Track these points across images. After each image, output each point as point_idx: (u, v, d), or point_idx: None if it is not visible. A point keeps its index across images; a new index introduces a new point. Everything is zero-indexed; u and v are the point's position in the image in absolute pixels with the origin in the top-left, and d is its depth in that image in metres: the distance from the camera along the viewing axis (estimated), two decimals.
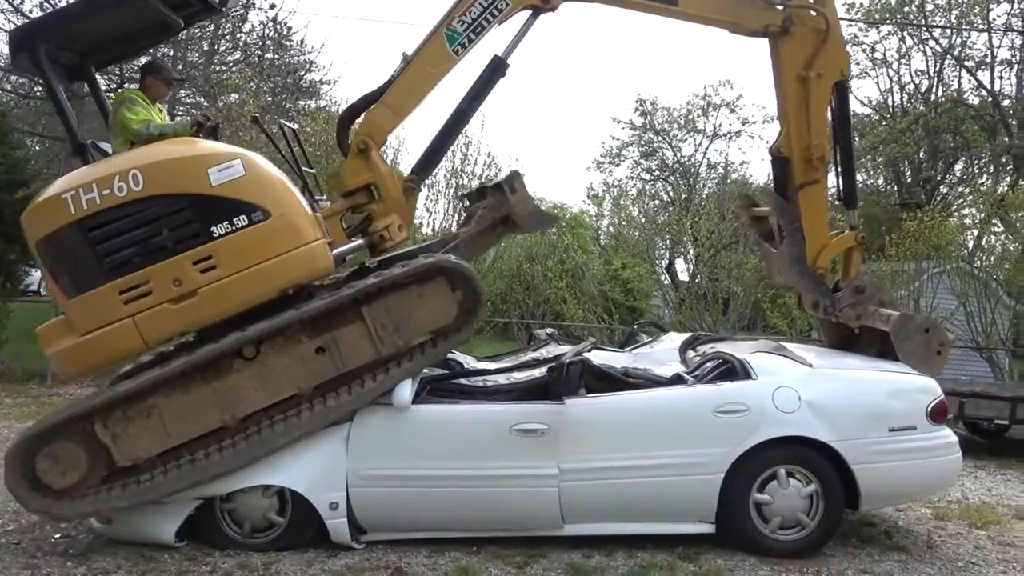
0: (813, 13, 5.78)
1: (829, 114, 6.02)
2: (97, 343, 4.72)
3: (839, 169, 6.13)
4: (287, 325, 4.80)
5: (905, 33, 24.56)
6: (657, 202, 26.77)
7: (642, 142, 31.58)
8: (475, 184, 14.91)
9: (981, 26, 24.24)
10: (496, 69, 5.73)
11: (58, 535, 5.22)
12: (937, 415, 5.11)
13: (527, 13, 5.72)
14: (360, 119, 5.64)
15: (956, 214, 21.46)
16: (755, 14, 5.83)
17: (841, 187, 6.23)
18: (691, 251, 16.98)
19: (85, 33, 5.30)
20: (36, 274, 23.68)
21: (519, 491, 4.87)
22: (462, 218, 6.33)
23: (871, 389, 5.20)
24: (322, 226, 5.15)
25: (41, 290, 23.53)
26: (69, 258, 4.76)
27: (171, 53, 20.89)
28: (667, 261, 21.63)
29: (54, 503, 4.71)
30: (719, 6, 5.86)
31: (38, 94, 17.52)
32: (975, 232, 15.90)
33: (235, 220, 4.74)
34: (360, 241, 5.52)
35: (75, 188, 4.72)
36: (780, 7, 5.83)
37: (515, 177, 5.51)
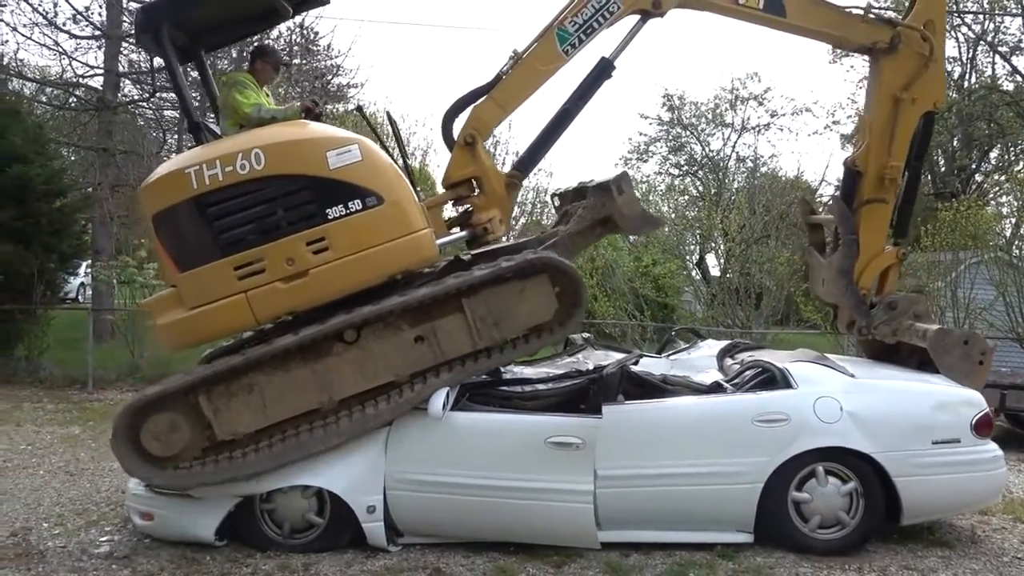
0: (922, 38, 5.80)
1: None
2: (207, 317, 4.82)
3: (901, 196, 6.12)
4: (389, 312, 4.86)
5: None
6: (686, 197, 26.58)
7: (670, 137, 31.38)
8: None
9: (1015, 10, 23.74)
10: (603, 71, 5.85)
11: (104, 538, 5.31)
12: (982, 428, 5.01)
13: (636, 17, 5.83)
14: (466, 113, 5.69)
15: (993, 202, 21.09)
16: (864, 29, 5.91)
17: (896, 216, 6.16)
18: (722, 246, 16.85)
19: (201, 16, 5.44)
20: (75, 282, 24.12)
21: (552, 504, 4.81)
22: (556, 217, 6.35)
23: (914, 401, 5.13)
24: (427, 215, 5.24)
25: (79, 297, 23.95)
26: (186, 232, 4.86)
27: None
28: (698, 256, 21.51)
29: (157, 471, 4.82)
30: (829, 20, 5.93)
31: (72, 105, 17.88)
32: (1012, 220, 15.60)
33: (350, 204, 4.82)
34: (463, 232, 5.61)
35: (199, 164, 4.82)
36: (889, 24, 5.89)
37: (623, 178, 5.55)
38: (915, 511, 5.03)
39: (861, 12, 5.90)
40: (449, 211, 5.95)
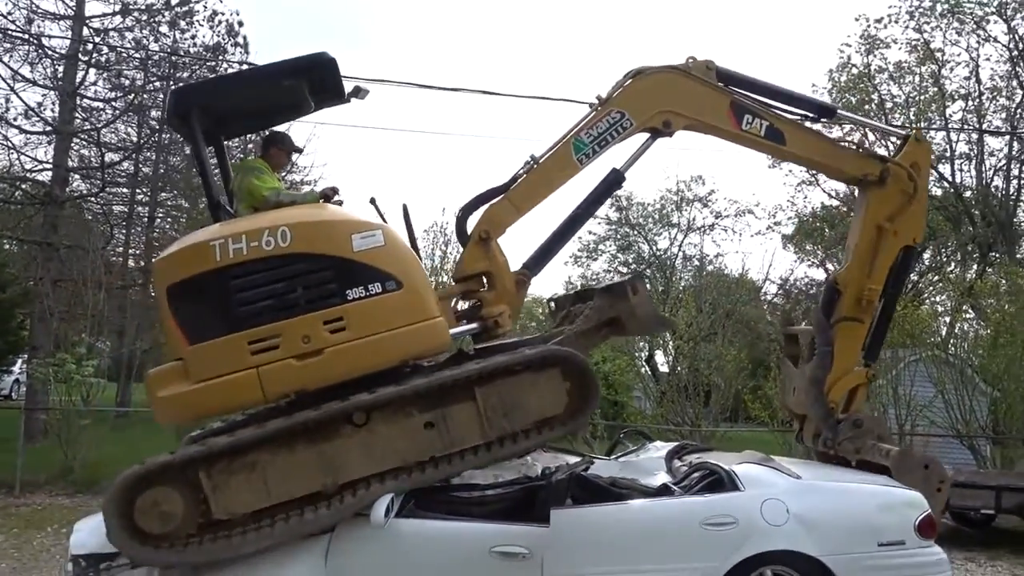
0: (908, 177, 6.24)
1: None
2: (214, 391, 4.73)
3: (874, 320, 6.40)
4: (400, 396, 4.84)
5: (866, 130, 25.50)
6: None
7: (618, 236, 32.16)
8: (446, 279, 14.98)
9: (938, 123, 25.27)
10: (614, 182, 6.18)
11: None
12: (925, 529, 5.03)
13: (647, 135, 6.13)
14: (481, 211, 5.85)
15: (928, 302, 21.86)
16: (856, 162, 6.36)
17: (869, 338, 6.42)
18: (670, 343, 17.06)
19: (229, 103, 5.60)
20: (9, 379, 23.28)
21: None
22: (558, 318, 6.47)
23: (860, 502, 5.15)
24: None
25: (13, 395, 23.08)
26: (202, 304, 4.82)
27: (153, 157, 21.30)
28: (647, 353, 21.70)
29: (147, 550, 4.61)
30: (824, 151, 6.40)
31: (18, 198, 17.69)
32: (947, 319, 16.15)
33: (370, 287, 4.88)
34: (474, 325, 5.63)
35: (224, 237, 4.85)
36: (879, 160, 6.34)
37: (638, 279, 5.76)
38: None
39: (854, 147, 6.40)
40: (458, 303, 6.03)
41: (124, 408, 17.18)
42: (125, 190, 21.43)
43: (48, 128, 17.03)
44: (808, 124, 6.47)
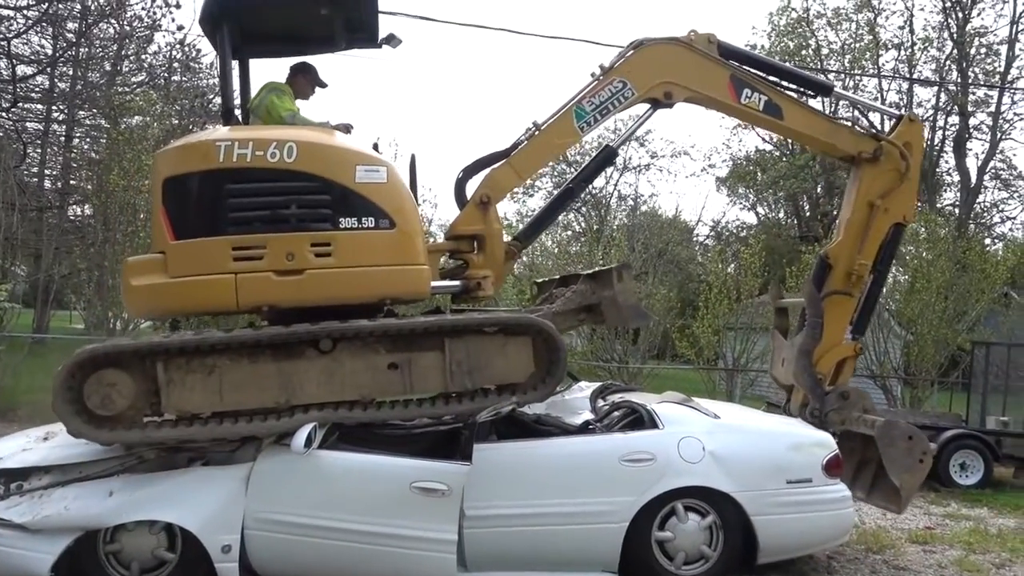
0: (900, 156, 6.33)
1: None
2: (190, 288, 4.76)
3: (864, 295, 6.53)
4: (370, 332, 4.88)
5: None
6: (569, 233, 27.16)
7: (555, 173, 32.08)
8: None
9: (871, 71, 25.67)
10: (608, 158, 6.52)
11: None
12: (832, 468, 5.25)
13: (647, 106, 6.24)
14: (482, 174, 5.88)
15: None
16: (852, 140, 6.46)
17: (858, 312, 6.54)
18: None
19: (263, 22, 5.57)
20: None
21: (413, 553, 4.62)
22: (538, 301, 6.51)
23: (771, 442, 5.34)
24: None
25: None
26: (195, 202, 4.84)
27: (70, 72, 20.17)
28: None
29: (88, 427, 4.64)
30: (820, 127, 6.50)
31: None
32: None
33: (364, 219, 4.90)
34: (456, 282, 5.62)
35: (231, 140, 4.84)
36: (874, 138, 6.44)
37: (625, 268, 5.79)
38: (770, 550, 5.17)
39: (848, 124, 6.36)
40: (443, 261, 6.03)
41: (41, 335, 16.60)
42: (40, 106, 20.32)
43: None
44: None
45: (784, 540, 5.22)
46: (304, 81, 5.84)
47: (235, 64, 5.71)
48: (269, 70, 6.15)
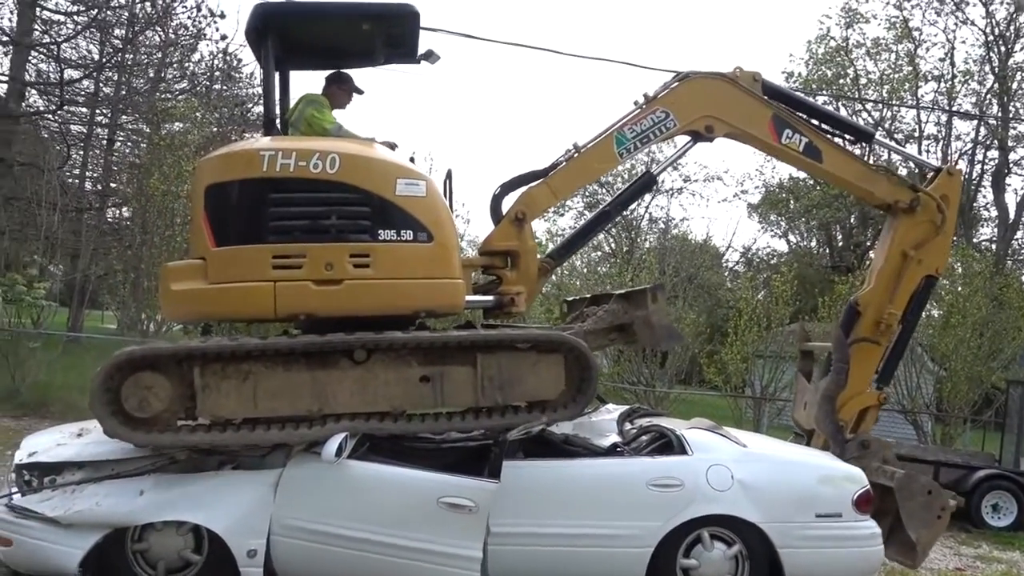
0: (937, 208, 6.30)
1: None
2: (228, 295, 4.81)
3: (891, 345, 6.49)
4: (403, 344, 4.92)
5: (839, 104, 25.66)
6: (599, 253, 27.12)
7: (587, 193, 32.11)
8: None
9: (910, 102, 25.46)
10: (647, 184, 6.60)
11: None
12: (863, 504, 5.14)
13: (687, 138, 6.31)
14: (519, 192, 5.92)
15: None
16: (889, 188, 6.39)
17: (884, 362, 6.50)
18: None
19: (306, 34, 5.62)
20: None
21: (438, 568, 4.61)
22: (569, 319, 6.55)
23: (801, 474, 5.24)
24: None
25: None
26: (236, 209, 4.89)
27: (115, 77, 20.60)
28: None
29: (124, 429, 4.67)
30: (859, 173, 6.44)
31: None
32: None
33: (402, 232, 4.94)
34: (490, 297, 5.68)
35: (275, 150, 4.89)
36: (911, 188, 6.40)
37: (659, 288, 5.77)
38: None
39: (887, 171, 6.51)
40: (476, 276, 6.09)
41: (76, 333, 16.86)
42: (84, 110, 20.78)
43: (5, 38, 16.33)
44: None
45: (810, 574, 5.12)
46: (340, 91, 5.89)
47: (276, 75, 5.79)
48: (306, 82, 6.26)
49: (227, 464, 4.92)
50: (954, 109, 26.23)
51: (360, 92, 5.99)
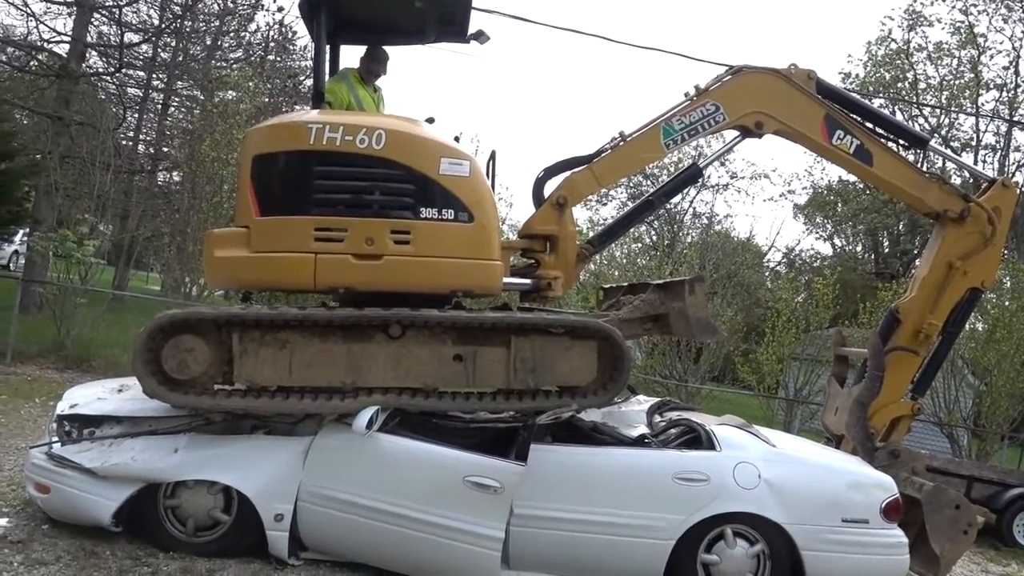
0: (988, 220, 6.21)
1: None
2: (270, 264, 4.91)
3: (929, 356, 6.41)
4: (439, 323, 4.99)
5: (896, 108, 25.12)
6: (639, 245, 26.95)
7: (631, 184, 31.87)
8: None
9: (969, 110, 24.83)
10: (693, 176, 6.60)
11: (3, 520, 5.08)
12: (891, 512, 5.09)
13: (736, 133, 6.32)
14: (563, 176, 5.94)
15: None
16: (939, 197, 6.31)
17: (920, 372, 6.43)
18: None
19: (358, 8, 5.73)
20: (8, 249, 23.32)
21: (459, 546, 4.68)
22: (604, 306, 6.57)
23: (830, 478, 5.19)
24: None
25: (11, 266, 23.18)
26: (282, 180, 4.97)
27: (172, 43, 20.92)
28: None
29: (162, 389, 4.80)
30: (909, 179, 6.34)
31: (32, 68, 17.44)
32: None
33: (444, 211, 5.01)
34: (527, 280, 5.73)
35: (323, 123, 4.98)
36: (963, 198, 6.30)
37: (698, 280, 5.76)
38: None
39: (939, 179, 6.39)
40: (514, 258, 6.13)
41: (121, 292, 17.26)
42: (142, 73, 21.14)
43: (70, 0, 16.66)
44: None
45: None
46: (367, 62, 6.01)
47: (327, 49, 5.84)
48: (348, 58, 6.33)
49: (260, 429, 5.04)
50: (1015, 119, 25.51)
51: (386, 58, 6.04)
